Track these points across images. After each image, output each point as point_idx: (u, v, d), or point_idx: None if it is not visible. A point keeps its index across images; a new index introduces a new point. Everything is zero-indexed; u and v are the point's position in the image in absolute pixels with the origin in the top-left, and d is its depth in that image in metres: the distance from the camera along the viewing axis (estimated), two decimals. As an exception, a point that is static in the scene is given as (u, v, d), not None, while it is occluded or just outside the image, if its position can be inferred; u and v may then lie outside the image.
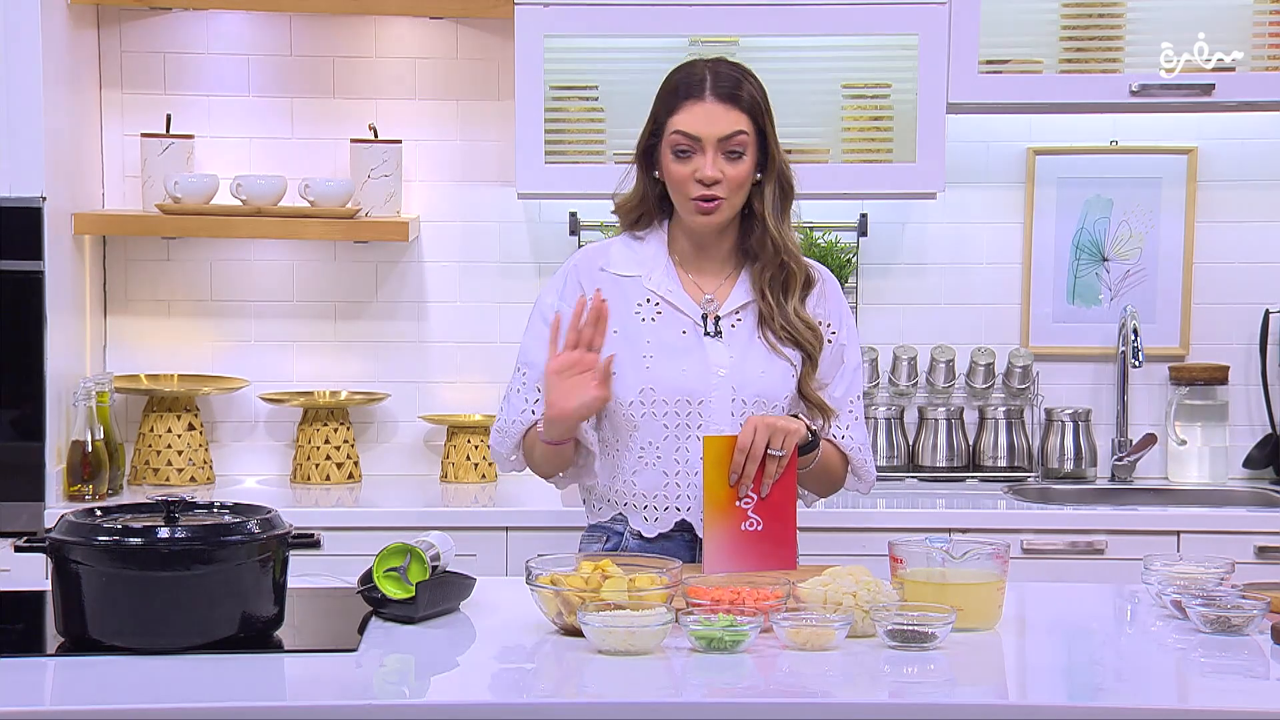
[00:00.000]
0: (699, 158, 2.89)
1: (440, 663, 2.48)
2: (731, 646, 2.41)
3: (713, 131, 2.89)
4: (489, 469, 4.18)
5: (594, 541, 3.03)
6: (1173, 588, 2.69)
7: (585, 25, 3.98)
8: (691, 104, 2.91)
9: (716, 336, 2.95)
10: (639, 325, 2.94)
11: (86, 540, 2.41)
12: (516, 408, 2.98)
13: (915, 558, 2.63)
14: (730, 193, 2.91)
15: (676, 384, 2.92)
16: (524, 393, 2.97)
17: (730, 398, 2.92)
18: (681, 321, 2.96)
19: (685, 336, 2.95)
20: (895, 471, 4.23)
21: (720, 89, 2.91)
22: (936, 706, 2.27)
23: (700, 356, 2.94)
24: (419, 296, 4.30)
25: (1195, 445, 4.29)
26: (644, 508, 2.96)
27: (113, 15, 4.19)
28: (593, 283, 2.95)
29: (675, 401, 2.92)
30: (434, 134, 4.27)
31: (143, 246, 4.25)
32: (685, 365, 2.93)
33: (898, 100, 4.08)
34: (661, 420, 2.93)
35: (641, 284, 2.97)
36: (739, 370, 2.92)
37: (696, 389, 2.92)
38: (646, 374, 2.92)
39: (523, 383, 2.98)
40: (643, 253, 3.00)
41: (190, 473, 4.10)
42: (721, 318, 2.96)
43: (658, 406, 2.93)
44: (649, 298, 2.97)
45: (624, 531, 3.00)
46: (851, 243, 4.22)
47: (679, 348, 2.94)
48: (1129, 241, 4.33)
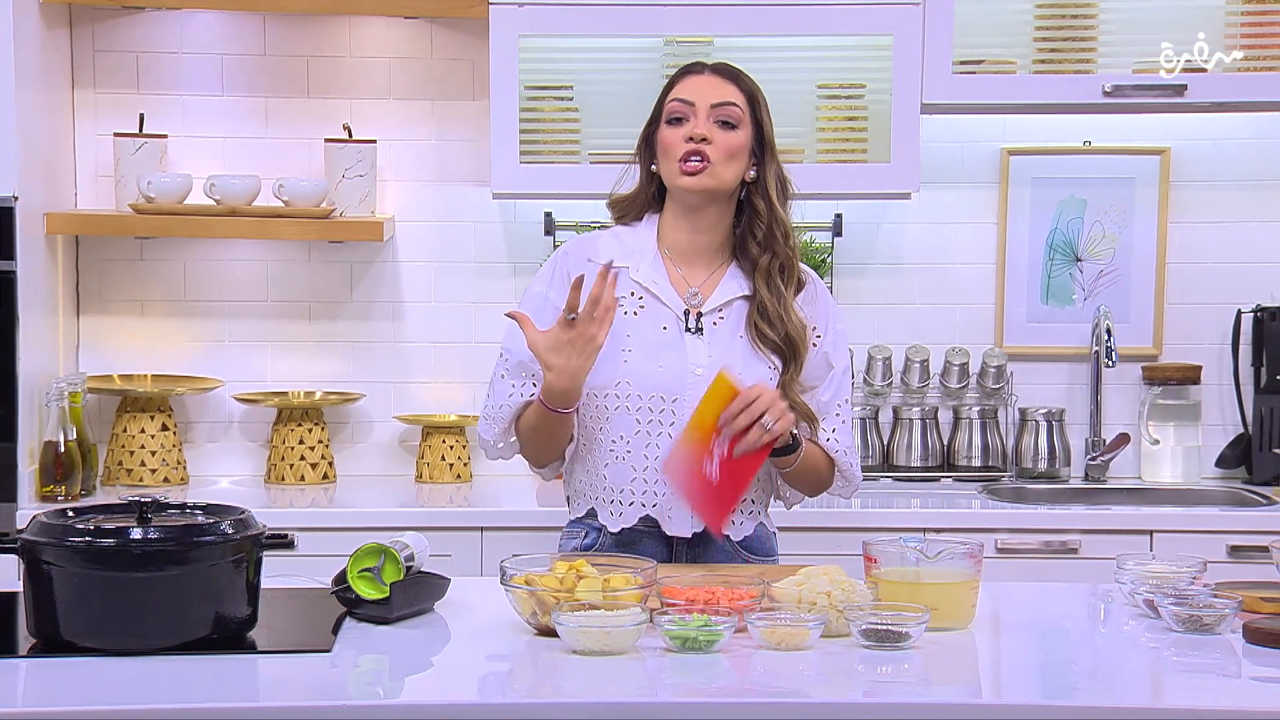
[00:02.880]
0: (690, 121, 2.93)
1: (415, 663, 2.48)
2: (706, 646, 2.41)
3: (706, 96, 2.94)
4: (464, 469, 4.17)
5: (572, 538, 3.03)
6: (1146, 587, 2.70)
7: (560, 25, 3.97)
8: (690, 77, 3.00)
9: (697, 334, 2.95)
10: (621, 318, 2.93)
11: (59, 541, 2.40)
12: (504, 392, 2.97)
13: (890, 557, 2.64)
14: (718, 159, 2.91)
15: (652, 380, 2.92)
16: (509, 377, 2.96)
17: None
18: (664, 317, 2.96)
19: (666, 332, 2.95)
20: (870, 471, 4.23)
21: (721, 69, 3.01)
22: (911, 706, 2.28)
23: (679, 354, 2.94)
24: (394, 296, 4.30)
25: (1168, 445, 4.30)
26: (610, 501, 2.96)
27: (85, 14, 4.17)
28: (581, 272, 2.92)
29: (649, 397, 2.92)
30: (409, 134, 4.26)
31: (116, 246, 4.23)
32: (663, 362, 2.93)
33: (872, 100, 4.09)
34: (634, 414, 2.93)
35: (628, 275, 2.97)
36: (716, 369, 2.92)
37: (672, 386, 2.92)
38: (624, 368, 2.92)
39: (507, 367, 2.97)
40: (631, 243, 3.00)
41: (164, 473, 4.09)
42: (704, 315, 2.96)
43: (631, 400, 2.93)
44: (634, 290, 2.97)
45: (600, 528, 2.99)
46: (826, 243, 4.22)
47: (658, 344, 2.94)
48: (1102, 242, 4.35)
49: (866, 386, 4.27)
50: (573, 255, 3.00)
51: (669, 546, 2.97)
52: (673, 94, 2.97)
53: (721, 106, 2.93)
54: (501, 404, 2.97)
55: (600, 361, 2.86)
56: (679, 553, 2.97)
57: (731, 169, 2.94)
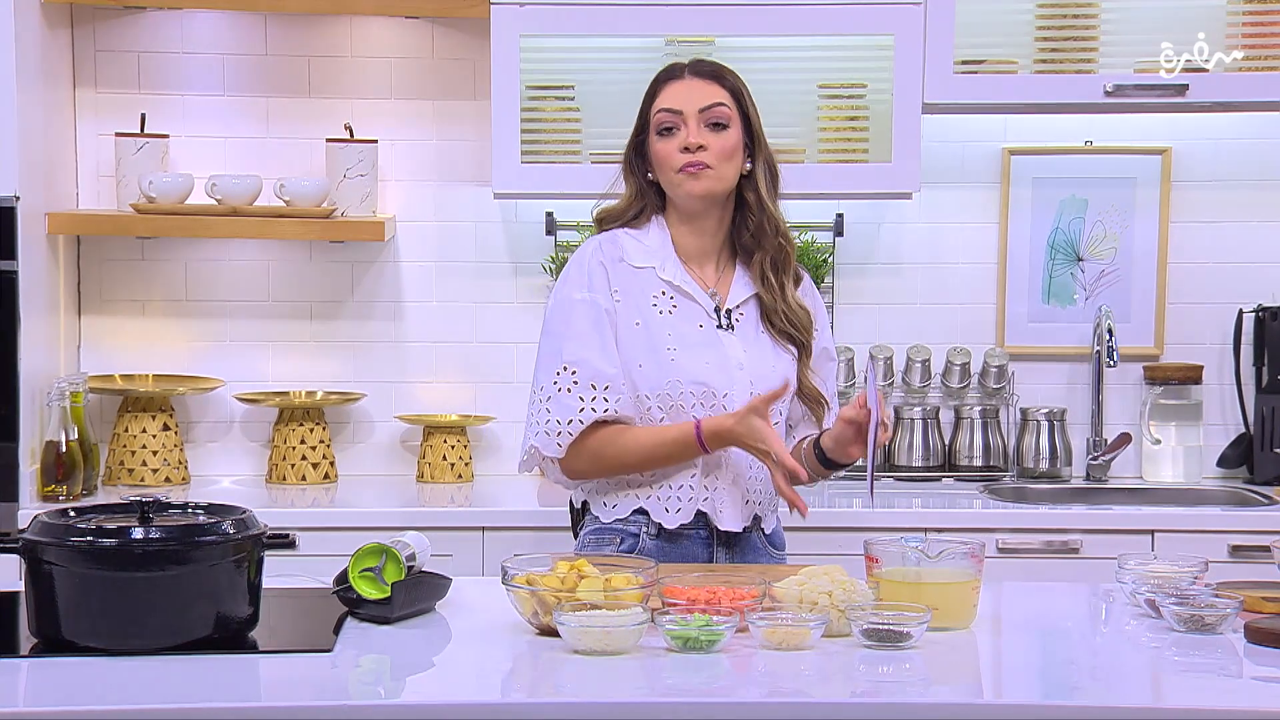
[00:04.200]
0: (682, 130, 2.94)
1: (416, 663, 2.48)
2: (707, 646, 2.41)
3: (694, 102, 2.95)
4: (465, 469, 4.17)
5: (607, 544, 2.99)
6: (1147, 587, 2.69)
7: (561, 25, 3.97)
8: (672, 84, 3.00)
9: (729, 330, 2.97)
10: (658, 317, 2.95)
11: (60, 541, 2.40)
12: (572, 407, 2.91)
13: (891, 557, 2.64)
14: (717, 162, 2.94)
15: (700, 377, 2.94)
16: (577, 391, 2.92)
17: (749, 391, 2.94)
18: (697, 315, 2.98)
19: (702, 330, 2.97)
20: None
21: (700, 69, 3.01)
22: (912, 706, 2.28)
23: (719, 349, 2.96)
24: (395, 296, 4.30)
25: (1169, 444, 4.30)
26: (667, 498, 2.96)
27: (87, 14, 4.18)
28: (617, 274, 2.96)
29: (701, 393, 2.94)
30: (410, 134, 4.26)
31: (117, 246, 4.23)
32: (707, 358, 2.95)
33: (873, 100, 4.09)
34: (688, 413, 2.93)
35: (656, 275, 2.98)
36: (754, 363, 2.96)
37: (719, 382, 2.94)
38: (671, 366, 2.93)
39: (574, 381, 2.92)
40: (649, 244, 3.02)
41: (165, 473, 4.09)
42: (731, 310, 2.98)
43: (684, 399, 2.93)
44: (664, 289, 2.98)
45: (639, 532, 2.98)
46: (828, 243, 4.22)
47: (699, 340, 2.96)
48: (1104, 241, 4.35)
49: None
50: (606, 257, 2.98)
51: (710, 547, 2.99)
52: (658, 104, 2.98)
53: (710, 109, 2.95)
54: (571, 419, 2.91)
55: (647, 363, 2.87)
56: (719, 554, 2.99)
57: (731, 168, 2.96)
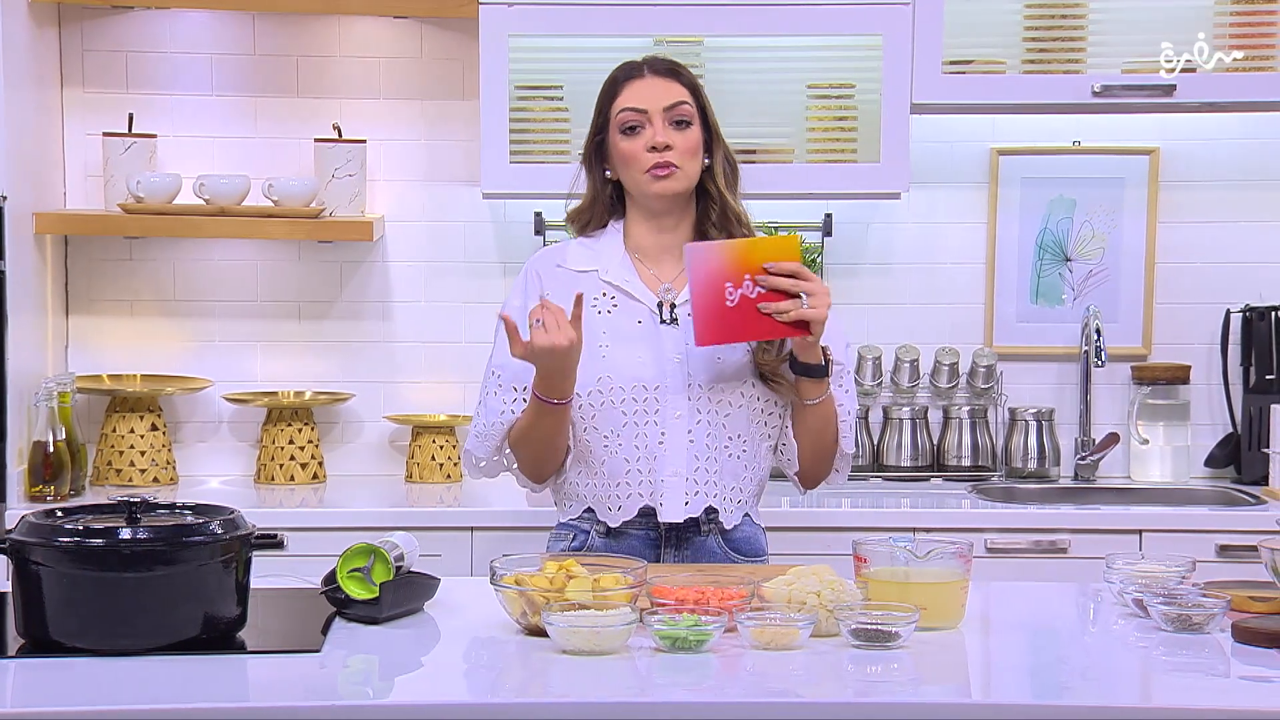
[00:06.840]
0: (648, 130, 2.96)
1: (404, 663, 2.47)
2: (696, 646, 2.41)
3: (658, 101, 2.97)
4: (454, 469, 4.17)
5: (560, 540, 3.04)
6: (1135, 586, 2.70)
7: (550, 25, 3.97)
8: (633, 83, 3.00)
9: (673, 324, 2.97)
10: (595, 318, 2.96)
11: (47, 541, 2.39)
12: (495, 409, 2.99)
13: (879, 557, 2.64)
14: (683, 160, 2.96)
15: (632, 372, 2.94)
16: (500, 394, 2.98)
17: (686, 383, 2.94)
18: (638, 311, 2.99)
19: (641, 325, 2.98)
20: (860, 471, 4.24)
21: (658, 66, 3.02)
22: (901, 705, 2.28)
23: (656, 344, 2.96)
24: (384, 296, 4.29)
25: (1157, 444, 4.31)
26: (609, 496, 2.97)
27: (74, 14, 4.17)
28: (551, 280, 2.99)
29: (632, 388, 2.94)
30: (398, 133, 4.26)
31: (105, 246, 4.23)
32: (641, 354, 2.95)
33: (862, 100, 4.09)
34: (620, 408, 2.94)
35: (598, 278, 3.00)
36: (699, 354, 2.93)
37: (652, 376, 2.94)
38: (603, 363, 2.94)
39: (498, 384, 2.99)
40: (598, 249, 3.04)
41: (153, 473, 4.09)
42: (678, 305, 2.98)
43: (615, 394, 2.94)
44: (605, 291, 3.00)
45: (590, 529, 3.00)
46: (816, 243, 4.23)
47: (634, 336, 2.96)
48: (1092, 241, 4.35)
49: (856, 386, 4.27)
50: (541, 266, 3.04)
51: (657, 546, 2.98)
52: (620, 103, 2.99)
53: (674, 108, 2.97)
54: (494, 421, 2.99)
55: (581, 362, 2.87)
56: (666, 553, 2.98)
57: (695, 164, 2.99)
